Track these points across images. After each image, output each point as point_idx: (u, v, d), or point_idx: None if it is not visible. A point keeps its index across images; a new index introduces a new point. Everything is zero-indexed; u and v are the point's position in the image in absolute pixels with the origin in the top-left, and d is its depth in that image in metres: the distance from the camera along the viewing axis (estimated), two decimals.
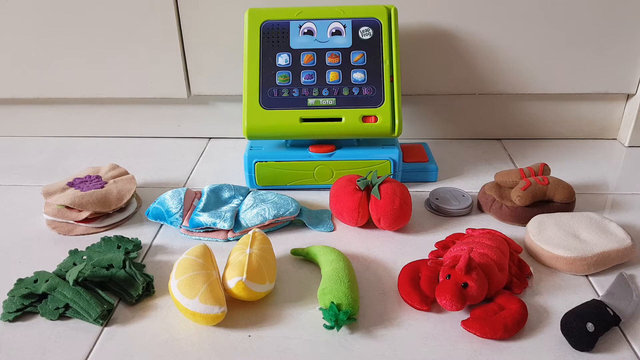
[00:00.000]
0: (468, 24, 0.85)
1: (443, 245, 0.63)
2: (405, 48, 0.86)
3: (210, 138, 0.98)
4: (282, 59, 0.75)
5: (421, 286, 0.56)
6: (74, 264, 0.60)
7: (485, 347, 0.50)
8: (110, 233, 0.69)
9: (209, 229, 0.67)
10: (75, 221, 0.68)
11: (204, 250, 0.56)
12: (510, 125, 0.95)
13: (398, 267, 0.61)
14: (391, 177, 0.76)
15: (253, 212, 0.68)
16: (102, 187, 0.71)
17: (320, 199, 0.76)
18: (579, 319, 0.50)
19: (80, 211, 0.68)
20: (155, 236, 0.68)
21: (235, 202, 0.71)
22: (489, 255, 0.55)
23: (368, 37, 0.76)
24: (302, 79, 0.75)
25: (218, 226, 0.66)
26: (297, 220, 0.70)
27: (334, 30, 0.76)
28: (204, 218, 0.66)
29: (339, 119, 0.73)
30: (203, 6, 0.84)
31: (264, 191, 0.73)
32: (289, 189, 0.78)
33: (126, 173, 0.76)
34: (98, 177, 0.74)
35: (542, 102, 0.93)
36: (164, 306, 0.56)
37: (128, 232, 0.69)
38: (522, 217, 0.69)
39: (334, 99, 0.74)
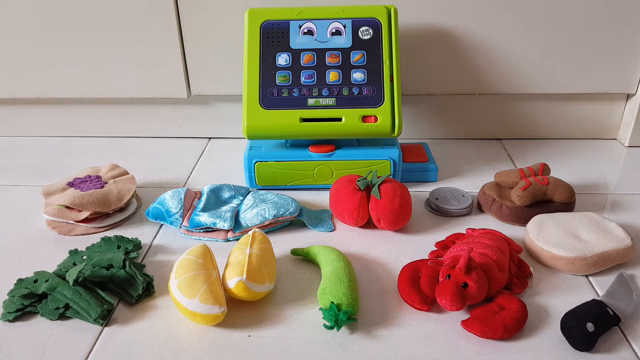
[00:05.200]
0: (468, 24, 0.85)
1: (443, 245, 0.63)
2: (405, 48, 0.86)
3: (210, 138, 0.98)
4: (282, 59, 0.75)
5: (421, 286, 0.56)
6: (74, 264, 0.60)
7: (485, 347, 0.50)
8: (110, 233, 0.69)
9: (209, 229, 0.67)
10: (75, 221, 0.68)
11: (204, 250, 0.56)
12: (510, 125, 0.95)
13: (398, 267, 0.61)
14: (391, 177, 0.76)
15: (253, 212, 0.68)
16: (102, 187, 0.71)
17: (320, 199, 0.76)
18: (579, 319, 0.50)
19: (80, 211, 0.68)
20: (155, 236, 0.68)
21: (235, 202, 0.71)
22: (489, 255, 0.55)
23: (368, 37, 0.76)
24: (302, 79, 0.75)
25: (218, 226, 0.66)
26: (297, 220, 0.70)
27: (334, 30, 0.76)
28: (204, 218, 0.66)
29: (339, 119, 0.73)
30: (203, 6, 0.84)
31: (264, 191, 0.73)
32: (289, 189, 0.78)
33: (126, 173, 0.76)
34: (98, 177, 0.74)
35: (542, 102, 0.93)
36: (164, 306, 0.56)
37: (128, 232, 0.69)
38: (522, 217, 0.69)
39: (334, 99, 0.74)
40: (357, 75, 0.74)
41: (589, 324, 0.49)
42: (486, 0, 0.83)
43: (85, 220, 0.68)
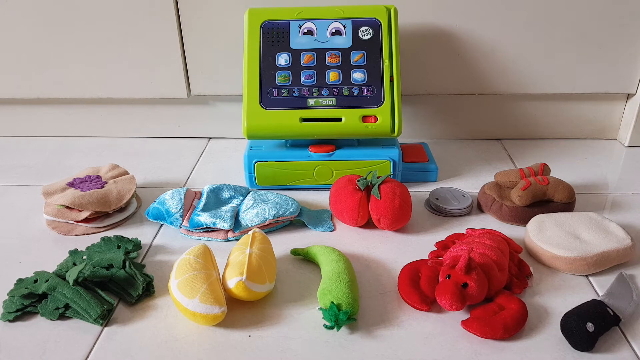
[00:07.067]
0: (468, 24, 0.85)
1: (443, 245, 0.63)
2: (405, 48, 0.86)
3: (210, 138, 0.98)
4: (282, 59, 0.75)
5: (421, 286, 0.56)
6: (74, 264, 0.60)
7: (485, 347, 0.50)
8: (110, 233, 0.69)
9: (209, 229, 0.67)
10: (75, 221, 0.68)
11: (204, 250, 0.56)
12: (510, 125, 0.95)
13: (398, 267, 0.61)
14: (391, 177, 0.76)
15: (253, 212, 0.68)
16: (102, 187, 0.71)
17: (320, 199, 0.76)
18: (579, 319, 0.50)
19: (80, 211, 0.68)
20: (155, 236, 0.68)
21: (235, 202, 0.71)
22: (489, 255, 0.55)
23: (368, 37, 0.76)
24: (302, 79, 0.75)
25: (218, 226, 0.66)
26: (297, 220, 0.70)
27: (334, 30, 0.76)
28: (204, 218, 0.66)
29: (339, 119, 0.73)
30: (203, 6, 0.84)
31: (264, 191, 0.73)
32: (289, 189, 0.78)
33: (126, 173, 0.76)
34: (98, 177, 0.74)
35: (542, 102, 0.93)
36: (164, 306, 0.56)
37: (128, 232, 0.69)
38: (522, 217, 0.69)
39: (334, 99, 0.74)
40: (357, 75, 0.74)
41: (589, 324, 0.49)
42: (486, 0, 0.83)
43: (85, 220, 0.68)
